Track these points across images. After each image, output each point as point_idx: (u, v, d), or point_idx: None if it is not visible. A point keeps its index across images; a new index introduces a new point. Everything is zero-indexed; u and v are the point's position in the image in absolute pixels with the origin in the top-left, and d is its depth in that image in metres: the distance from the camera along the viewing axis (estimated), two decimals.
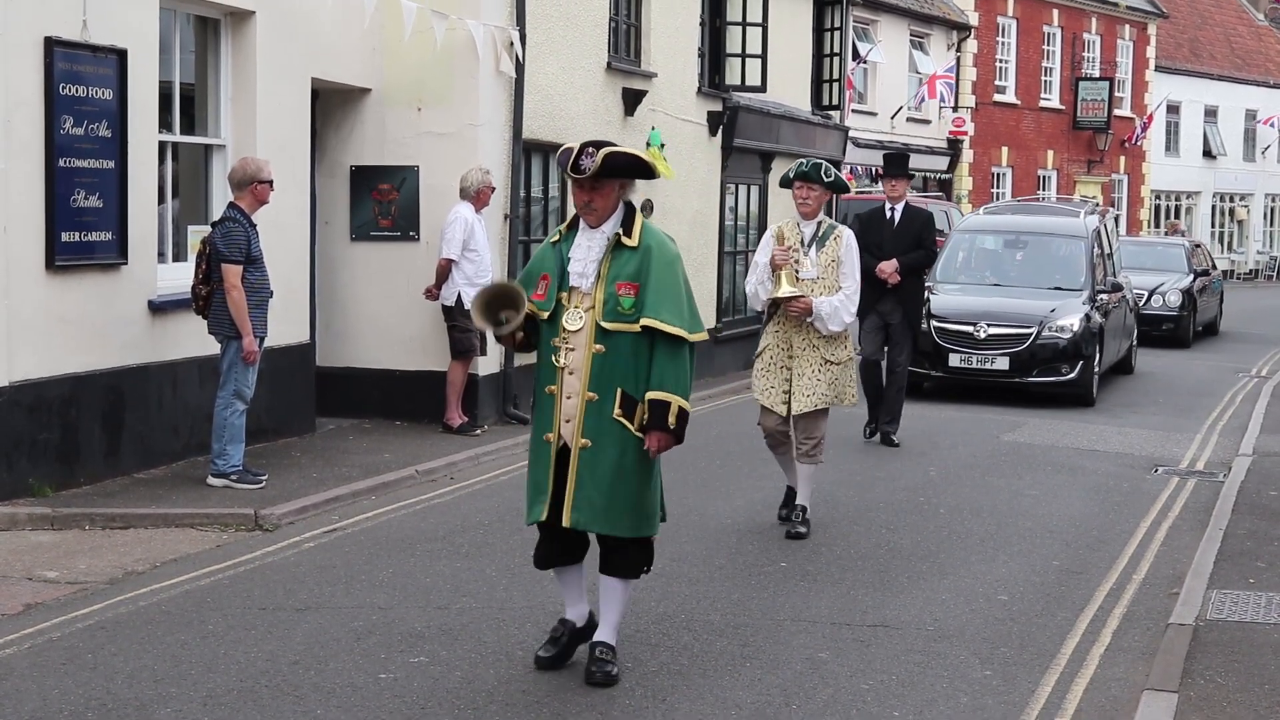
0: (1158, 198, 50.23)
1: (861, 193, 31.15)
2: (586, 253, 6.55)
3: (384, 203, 14.04)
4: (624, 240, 6.53)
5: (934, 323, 17.07)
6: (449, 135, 13.79)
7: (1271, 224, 56.94)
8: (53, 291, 10.00)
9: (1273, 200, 56.44)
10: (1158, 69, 47.89)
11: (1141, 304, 23.74)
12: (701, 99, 18.99)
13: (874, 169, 34.24)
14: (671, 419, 6.41)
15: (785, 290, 9.44)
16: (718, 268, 19.45)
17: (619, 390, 6.42)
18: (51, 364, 10.02)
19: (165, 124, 11.30)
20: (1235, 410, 17.22)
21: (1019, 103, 40.96)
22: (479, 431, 13.40)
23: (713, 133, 19.28)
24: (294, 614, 7.60)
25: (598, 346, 6.43)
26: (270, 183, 10.58)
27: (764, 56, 19.81)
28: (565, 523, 6.44)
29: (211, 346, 10.72)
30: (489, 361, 13.97)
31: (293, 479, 10.87)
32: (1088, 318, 17.26)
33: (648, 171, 6.64)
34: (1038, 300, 17.50)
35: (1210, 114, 52.78)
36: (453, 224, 13.08)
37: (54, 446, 10.07)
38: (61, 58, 9.92)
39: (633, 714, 6.24)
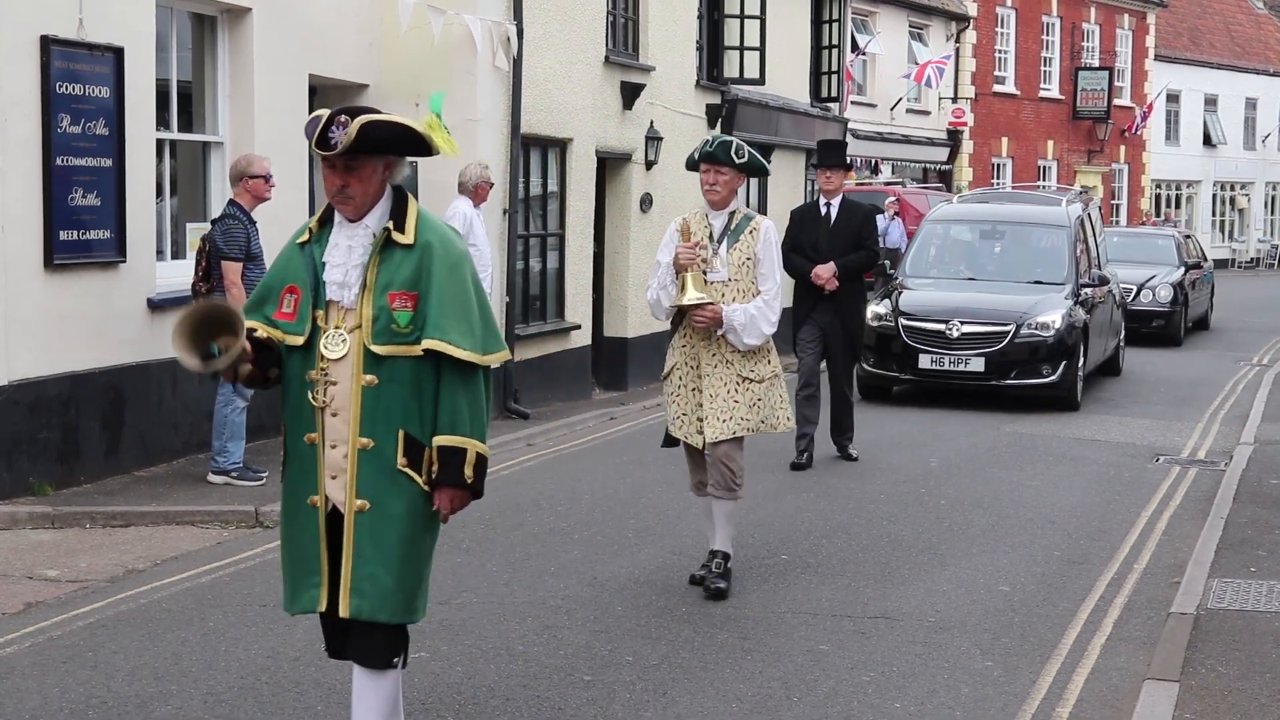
0: (1158, 187, 50.20)
1: (861, 184, 31.16)
2: (347, 255, 4.98)
3: None
4: (395, 237, 4.97)
5: (903, 321, 15.75)
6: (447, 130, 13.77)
7: (1272, 212, 56.91)
8: (51, 290, 10.00)
9: (1273, 188, 56.41)
10: (1157, 58, 47.85)
11: (1130, 299, 22.36)
12: (700, 92, 19.00)
13: (874, 160, 34.26)
14: (469, 469, 4.95)
15: (690, 296, 7.77)
16: None
17: (401, 433, 4.93)
18: (51, 363, 10.02)
19: (163, 122, 11.30)
20: (1236, 399, 17.21)
21: (1018, 93, 40.92)
22: None
23: (711, 125, 19.27)
24: None
25: (368, 377, 4.90)
26: (264, 178, 10.52)
27: (762, 49, 19.82)
28: (343, 612, 4.95)
29: None
30: None
31: None
32: (1071, 314, 15.86)
33: (421, 146, 5.07)
34: (1016, 295, 16.09)
35: (1210, 103, 52.74)
36: (451, 219, 13.05)
37: (54, 445, 10.07)
38: (58, 56, 9.92)
39: (633, 708, 6.24)
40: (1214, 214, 53.85)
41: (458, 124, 13.74)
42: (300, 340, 5.02)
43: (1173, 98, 49.98)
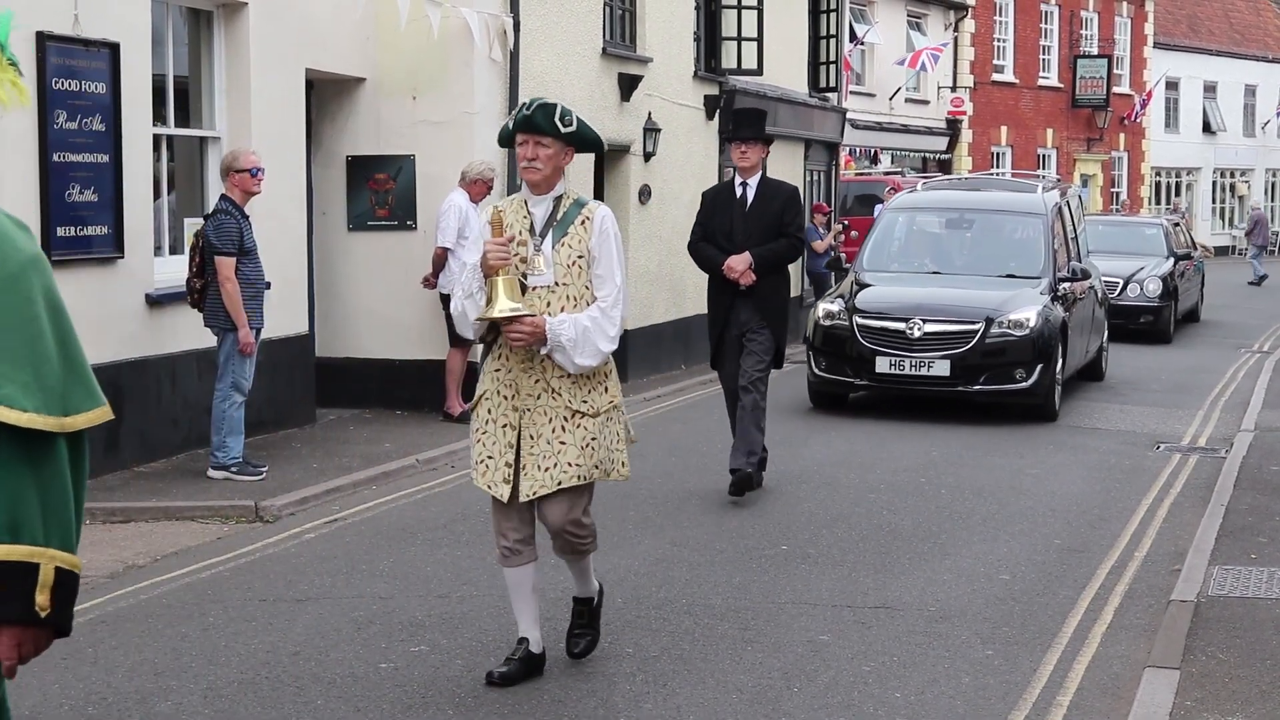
0: (1158, 174, 50.19)
1: (861, 174, 31.16)
2: None
3: (380, 192, 14.03)
4: None
5: (858, 319, 14.15)
6: (444, 123, 13.78)
7: (1272, 199, 56.89)
8: None
9: (1273, 175, 56.42)
10: (1156, 45, 47.85)
11: (1115, 294, 20.99)
12: (698, 83, 18.97)
13: (873, 150, 34.24)
14: (42, 596, 3.09)
15: (502, 307, 6.00)
16: None
17: None
18: None
19: (159, 117, 11.29)
20: (1237, 386, 17.21)
21: (1017, 82, 40.91)
22: None
23: (710, 116, 19.25)
24: (294, 605, 7.60)
25: None
26: (250, 171, 10.48)
27: (760, 39, 19.79)
28: None
29: (210, 339, 10.72)
30: None
31: (293, 470, 10.87)
32: (1047, 311, 14.27)
33: None
34: (986, 291, 14.48)
35: (1209, 89, 52.76)
36: (446, 213, 13.06)
37: None
38: (54, 52, 9.90)
39: (633, 699, 6.24)
40: (1214, 201, 53.85)
41: (455, 117, 13.74)
42: None
43: (1172, 85, 49.98)
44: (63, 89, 9.97)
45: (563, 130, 6.17)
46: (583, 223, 6.25)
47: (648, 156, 17.61)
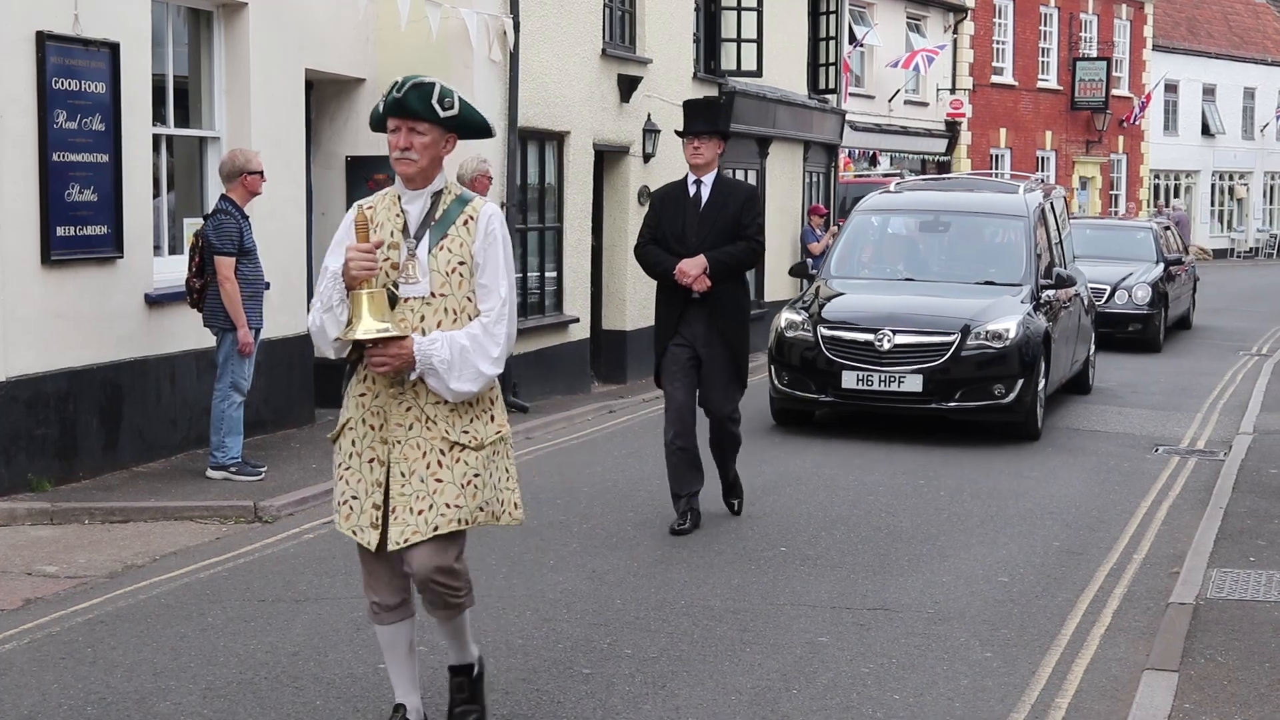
0: (1157, 177, 50.20)
1: (860, 176, 31.14)
2: None
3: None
4: None
5: (823, 330, 13.06)
6: None
7: (1271, 202, 56.93)
8: (49, 286, 9.99)
9: (1272, 178, 56.43)
10: (1155, 48, 47.84)
11: (1102, 302, 20.05)
12: (697, 84, 18.99)
13: (872, 152, 34.24)
14: None
15: (367, 327, 5.12)
16: None
17: None
18: (49, 359, 10.01)
19: (159, 117, 11.29)
20: (1236, 389, 17.21)
21: (1016, 84, 40.90)
22: None
23: None
24: (293, 605, 7.60)
25: None
26: (260, 173, 10.53)
27: (759, 41, 19.82)
28: None
29: (209, 339, 10.72)
30: None
31: (292, 470, 10.86)
32: (1029, 321, 13.19)
33: None
34: (962, 299, 13.43)
35: (1208, 92, 52.77)
36: None
37: (52, 441, 10.07)
38: (54, 52, 9.91)
39: (633, 701, 6.24)
40: (1213, 204, 53.88)
41: None
42: None
43: (1171, 88, 49.99)
44: (62, 89, 9.97)
45: (442, 115, 5.38)
46: (465, 223, 5.35)
47: (647, 158, 17.62)
